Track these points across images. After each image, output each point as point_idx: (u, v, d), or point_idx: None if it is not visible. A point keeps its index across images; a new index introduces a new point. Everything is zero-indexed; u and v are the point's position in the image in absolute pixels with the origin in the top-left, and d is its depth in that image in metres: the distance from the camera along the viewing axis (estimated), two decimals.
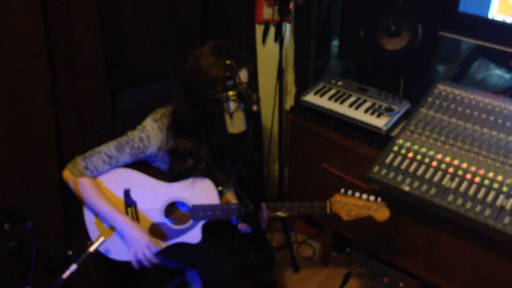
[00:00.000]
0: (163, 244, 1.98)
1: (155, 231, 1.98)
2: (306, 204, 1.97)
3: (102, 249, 1.96)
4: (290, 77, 2.90)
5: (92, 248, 1.80)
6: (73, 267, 1.73)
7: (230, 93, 1.57)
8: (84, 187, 1.88)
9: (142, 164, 1.96)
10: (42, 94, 1.94)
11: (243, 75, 1.77)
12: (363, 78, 2.78)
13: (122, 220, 1.90)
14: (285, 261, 2.87)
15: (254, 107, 1.52)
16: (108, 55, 2.14)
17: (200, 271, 2.09)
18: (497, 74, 2.70)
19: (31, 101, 1.93)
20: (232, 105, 1.57)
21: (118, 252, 1.97)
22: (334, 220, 2.32)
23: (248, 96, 1.54)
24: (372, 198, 1.94)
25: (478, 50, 2.63)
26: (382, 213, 1.91)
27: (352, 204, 1.92)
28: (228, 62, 1.61)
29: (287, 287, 2.71)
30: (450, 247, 2.16)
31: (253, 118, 1.58)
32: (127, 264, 1.98)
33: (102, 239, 1.85)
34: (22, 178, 1.99)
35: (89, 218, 1.98)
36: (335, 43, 2.89)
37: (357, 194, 1.95)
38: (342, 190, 1.96)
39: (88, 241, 1.94)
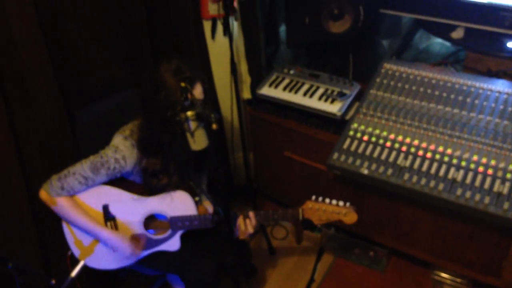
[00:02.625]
0: (144, 253, 2.06)
1: (135, 241, 2.04)
2: (279, 212, 2.07)
3: (90, 264, 2.04)
4: (243, 67, 2.94)
5: (74, 273, 1.87)
6: None
7: (189, 113, 1.62)
8: (63, 206, 1.91)
9: (117, 180, 2.01)
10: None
11: (198, 91, 1.82)
12: (313, 61, 2.86)
13: (105, 234, 1.95)
14: (261, 245, 2.99)
15: (214, 126, 1.58)
16: (59, 72, 2.12)
17: (181, 275, 2.18)
18: (439, 42, 2.82)
19: None
20: (192, 125, 1.63)
21: (100, 262, 2.05)
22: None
23: (207, 116, 1.59)
24: (341, 203, 2.04)
25: (418, 23, 2.74)
26: (350, 217, 2.02)
27: (322, 210, 2.03)
28: (183, 84, 1.65)
29: (266, 271, 2.83)
30: (410, 218, 2.32)
31: (214, 134, 1.64)
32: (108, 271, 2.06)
33: (81, 263, 1.92)
34: None
35: (69, 239, 2.03)
36: (283, 28, 2.95)
37: (327, 200, 2.05)
38: (313, 197, 2.06)
39: (68, 253, 2.01)
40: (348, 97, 2.44)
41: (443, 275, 2.51)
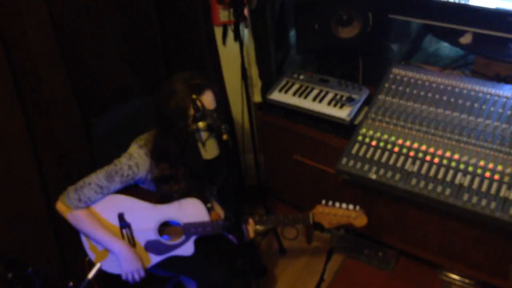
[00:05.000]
0: (159, 258, 2.13)
1: (151, 247, 2.11)
2: (290, 217, 2.12)
3: (105, 268, 2.11)
4: (254, 71, 3.00)
5: (90, 275, 1.94)
6: None
7: (200, 124, 1.68)
8: (80, 218, 1.98)
9: (131, 188, 2.07)
10: (19, 135, 2.01)
11: (208, 101, 1.87)
12: (323, 66, 2.90)
13: (118, 246, 2.02)
14: (271, 245, 3.05)
15: (224, 137, 1.64)
16: (74, 82, 2.19)
17: (193, 277, 2.25)
18: (448, 45, 2.84)
19: (9, 143, 2.00)
20: (204, 135, 1.68)
21: (113, 267, 2.12)
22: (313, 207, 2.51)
23: (217, 127, 1.65)
24: (351, 207, 2.08)
25: (427, 28, 2.76)
26: (360, 221, 2.07)
27: (333, 214, 2.07)
28: (194, 96, 1.71)
29: (277, 270, 2.89)
30: (418, 221, 2.36)
31: (225, 145, 1.70)
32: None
33: (98, 265, 1.99)
34: (12, 218, 2.08)
35: (85, 244, 2.11)
36: (292, 33, 2.99)
37: (337, 204, 2.09)
38: (323, 201, 2.10)
39: (86, 259, 2.09)
40: (357, 102, 2.48)
41: (452, 275, 2.55)
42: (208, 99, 1.89)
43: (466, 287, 2.53)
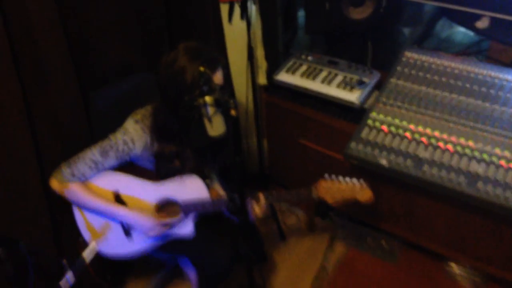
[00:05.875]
0: (158, 238, 2.04)
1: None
2: (292, 192, 2.02)
3: (102, 249, 2.01)
4: (260, 52, 2.89)
5: (85, 254, 1.86)
6: (69, 274, 1.79)
7: (207, 98, 1.59)
8: (75, 192, 1.89)
9: (127, 166, 1.98)
10: (14, 106, 1.91)
11: (218, 76, 1.78)
12: (331, 48, 2.80)
13: (123, 212, 1.93)
14: (271, 231, 2.97)
15: (232, 112, 1.55)
16: (75, 55, 2.10)
17: (194, 260, 2.16)
18: (461, 31, 2.76)
19: (4, 115, 1.90)
20: (210, 110, 1.60)
21: (113, 247, 2.02)
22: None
23: (225, 102, 1.56)
24: (355, 180, 1.99)
25: (441, 11, 2.67)
26: (365, 194, 1.97)
27: (336, 188, 1.98)
28: (202, 68, 1.61)
29: (277, 257, 2.81)
30: (427, 210, 2.28)
31: (232, 121, 1.61)
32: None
33: (93, 244, 1.90)
34: (6, 195, 1.99)
35: (80, 222, 2.02)
36: (301, 13, 2.89)
37: (341, 178, 2.00)
38: (326, 175, 2.01)
39: (79, 239, 1.99)
40: (367, 85, 2.39)
41: (457, 267, 2.48)
42: (218, 76, 1.79)
43: (471, 279, 2.46)
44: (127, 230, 2.01)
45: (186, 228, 2.02)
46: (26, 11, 1.85)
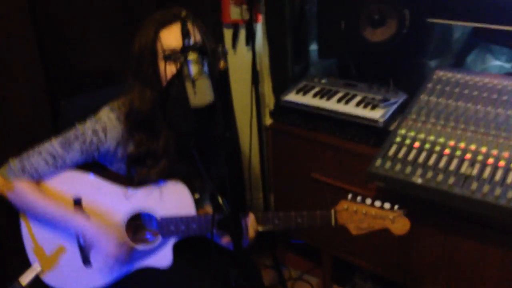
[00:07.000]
0: (122, 270, 1.55)
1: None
2: (305, 215, 1.55)
3: (52, 283, 1.56)
4: (266, 86, 2.57)
5: (23, 280, 1.38)
6: None
7: (190, 55, 1.23)
8: (22, 192, 1.48)
9: (96, 167, 1.57)
10: None
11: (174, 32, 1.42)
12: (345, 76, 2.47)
13: (78, 220, 1.50)
14: None
15: (221, 63, 1.16)
16: (46, 54, 1.79)
17: None
18: (496, 65, 2.42)
19: None
20: (194, 69, 1.22)
21: (64, 280, 1.56)
22: (332, 244, 2.00)
23: (213, 51, 1.19)
24: (387, 205, 1.53)
25: (474, 37, 2.36)
26: (400, 224, 1.50)
27: (362, 214, 1.51)
28: (183, 13, 1.27)
29: None
30: (474, 256, 1.77)
31: (223, 83, 1.22)
32: None
33: (37, 268, 1.43)
34: None
35: (28, 244, 1.56)
36: (313, 47, 2.60)
37: (368, 200, 1.55)
38: (350, 196, 1.56)
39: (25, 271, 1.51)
40: (394, 103, 2.01)
41: None
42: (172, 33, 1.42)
43: None
44: (86, 256, 1.54)
45: (163, 257, 1.54)
46: None
